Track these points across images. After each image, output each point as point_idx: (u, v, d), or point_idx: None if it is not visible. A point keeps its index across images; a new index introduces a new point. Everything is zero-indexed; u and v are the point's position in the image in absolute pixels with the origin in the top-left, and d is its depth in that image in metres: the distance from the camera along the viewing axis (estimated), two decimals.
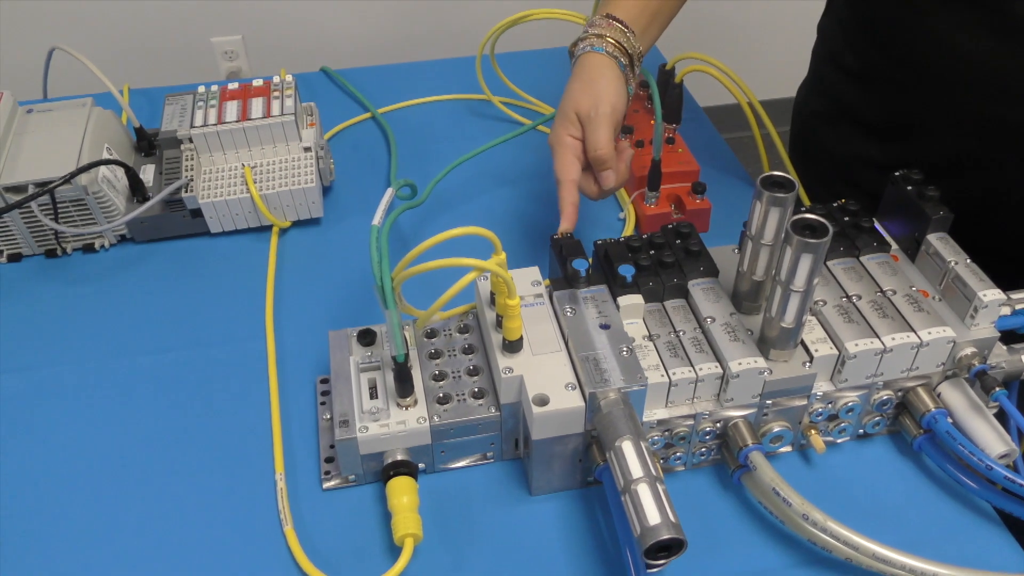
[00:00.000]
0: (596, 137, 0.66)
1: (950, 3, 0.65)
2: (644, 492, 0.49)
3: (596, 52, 0.69)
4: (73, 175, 0.73)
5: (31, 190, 0.73)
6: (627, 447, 0.52)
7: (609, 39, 0.69)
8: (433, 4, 1.80)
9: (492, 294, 0.60)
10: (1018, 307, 0.65)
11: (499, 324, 0.58)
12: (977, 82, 0.68)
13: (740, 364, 0.55)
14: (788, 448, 0.62)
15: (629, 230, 0.80)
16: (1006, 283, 0.66)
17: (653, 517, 0.48)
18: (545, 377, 0.56)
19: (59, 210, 0.75)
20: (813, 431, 0.60)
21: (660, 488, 0.50)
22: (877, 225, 0.66)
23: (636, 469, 0.50)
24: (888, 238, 0.65)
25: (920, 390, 0.60)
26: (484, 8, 1.80)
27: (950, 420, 0.58)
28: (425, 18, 1.81)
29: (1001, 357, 0.60)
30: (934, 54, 0.69)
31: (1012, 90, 0.66)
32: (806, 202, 0.80)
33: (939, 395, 0.60)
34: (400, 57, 1.37)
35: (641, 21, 0.70)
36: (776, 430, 0.59)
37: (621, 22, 0.70)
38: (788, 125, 0.92)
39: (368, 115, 0.97)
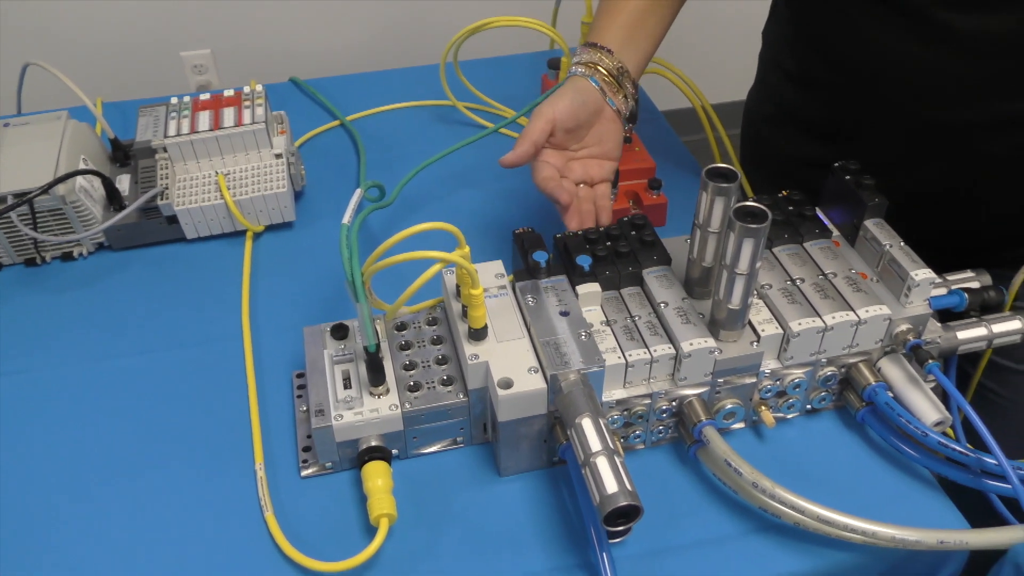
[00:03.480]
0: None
1: (879, 12, 0.70)
2: (602, 464, 0.53)
3: (571, 75, 0.74)
4: (51, 185, 0.75)
5: (10, 200, 0.76)
6: (586, 423, 0.55)
7: (581, 62, 0.74)
8: (398, 16, 1.83)
9: (458, 286, 0.63)
10: (954, 287, 0.70)
11: (465, 314, 0.61)
12: (906, 86, 0.72)
13: (692, 345, 0.59)
14: (741, 424, 0.66)
15: None
16: (938, 269, 0.70)
17: (611, 486, 0.52)
18: (509, 362, 0.59)
19: (38, 219, 0.77)
20: (763, 407, 0.64)
21: (617, 460, 0.53)
22: (819, 213, 0.70)
23: (595, 443, 0.54)
24: (830, 225, 0.69)
25: (861, 365, 0.64)
26: (450, 17, 1.83)
27: (889, 393, 0.63)
28: (391, 29, 1.84)
29: (936, 333, 0.65)
30: (866, 59, 0.73)
31: (938, 93, 0.71)
32: (751, 194, 0.84)
33: (879, 370, 0.64)
34: (367, 66, 1.40)
35: (617, 39, 0.74)
36: (728, 407, 0.63)
37: (595, 45, 0.74)
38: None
39: (337, 123, 1.00)
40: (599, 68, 0.73)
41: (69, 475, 0.64)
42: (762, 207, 0.55)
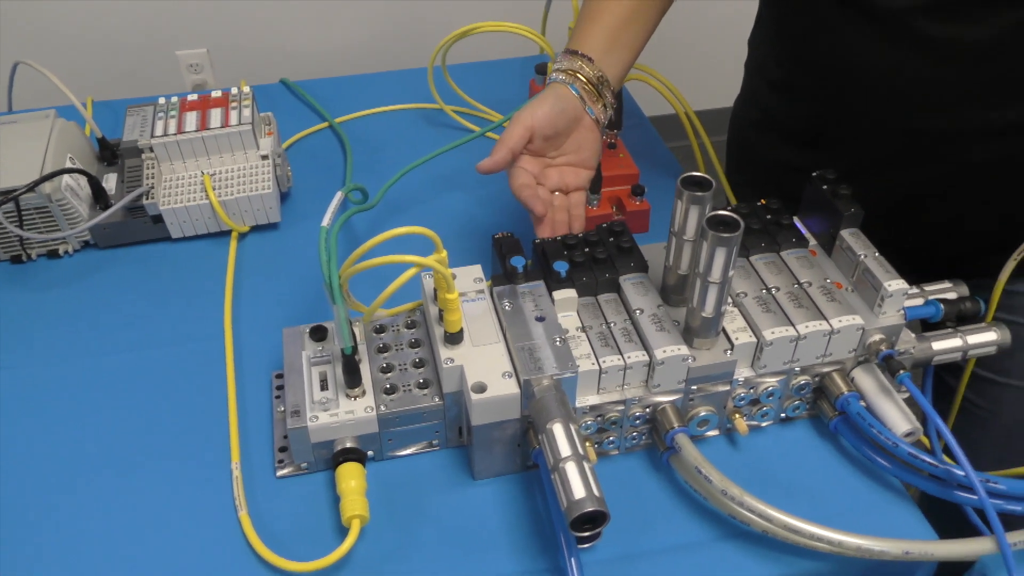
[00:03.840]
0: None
1: (857, 20, 0.70)
2: (571, 469, 0.53)
3: (552, 82, 0.74)
4: (37, 183, 0.76)
5: None
6: (557, 429, 0.55)
7: (561, 69, 0.74)
8: (396, 17, 1.83)
9: (436, 290, 0.64)
10: (930, 297, 0.70)
11: (442, 318, 0.62)
12: (886, 94, 0.72)
13: (665, 352, 0.60)
14: (715, 432, 0.66)
15: None
16: (920, 277, 0.71)
17: (579, 491, 0.52)
18: (484, 366, 0.60)
19: (24, 217, 0.78)
20: (737, 415, 0.65)
21: (586, 466, 0.54)
22: (797, 222, 0.70)
23: (564, 449, 0.54)
24: (807, 234, 0.70)
25: (835, 375, 0.64)
26: (450, 19, 1.84)
27: (862, 403, 0.63)
28: (388, 30, 1.85)
29: (910, 344, 0.65)
30: (846, 67, 0.74)
31: (917, 101, 0.71)
32: (733, 201, 0.85)
33: (852, 379, 0.64)
34: (365, 67, 1.40)
35: (599, 47, 0.74)
36: (702, 414, 0.63)
37: (575, 52, 0.74)
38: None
39: (326, 124, 1.01)
40: (579, 76, 0.73)
41: (46, 470, 0.64)
42: (735, 216, 0.55)
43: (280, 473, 0.64)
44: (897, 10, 0.67)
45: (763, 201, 0.70)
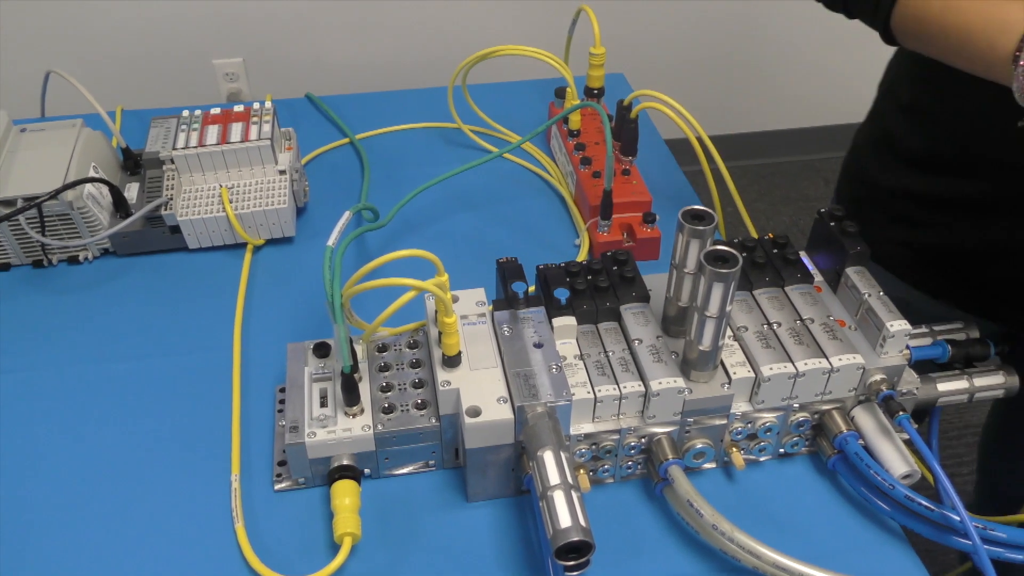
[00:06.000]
0: None
1: None
2: (559, 498, 0.53)
3: None
4: (59, 191, 0.78)
5: (20, 204, 0.79)
6: (547, 457, 0.56)
7: None
8: (433, 34, 1.86)
9: (436, 312, 0.64)
10: (939, 338, 0.70)
11: (441, 340, 0.62)
12: (1007, 132, 0.69)
13: (660, 383, 0.60)
14: (712, 464, 0.66)
15: (582, 256, 0.84)
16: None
17: (564, 520, 0.52)
18: (480, 391, 0.60)
19: (46, 223, 0.80)
20: (734, 449, 0.64)
21: (575, 495, 0.54)
22: (804, 258, 0.70)
23: (553, 477, 0.55)
24: (813, 270, 0.69)
25: (834, 413, 0.64)
26: (473, 41, 1.86)
27: (861, 442, 0.62)
28: (424, 47, 1.87)
29: (913, 384, 0.64)
30: (970, 96, 0.72)
31: None
32: (752, 231, 0.84)
33: (852, 418, 0.64)
34: (392, 83, 1.42)
35: None
36: (698, 446, 0.63)
37: None
38: (749, 159, 0.96)
39: (347, 140, 1.02)
40: None
41: (52, 472, 0.66)
42: (733, 252, 0.56)
43: (278, 487, 0.65)
44: None
45: (771, 235, 0.70)
